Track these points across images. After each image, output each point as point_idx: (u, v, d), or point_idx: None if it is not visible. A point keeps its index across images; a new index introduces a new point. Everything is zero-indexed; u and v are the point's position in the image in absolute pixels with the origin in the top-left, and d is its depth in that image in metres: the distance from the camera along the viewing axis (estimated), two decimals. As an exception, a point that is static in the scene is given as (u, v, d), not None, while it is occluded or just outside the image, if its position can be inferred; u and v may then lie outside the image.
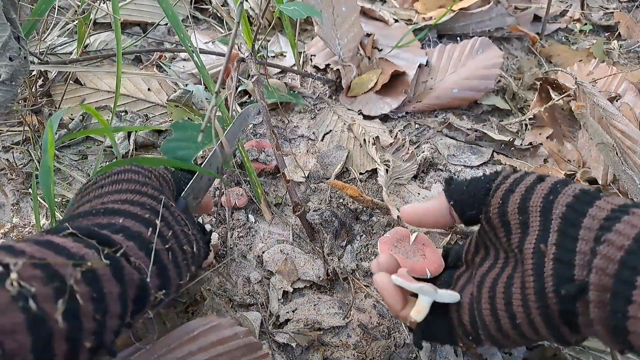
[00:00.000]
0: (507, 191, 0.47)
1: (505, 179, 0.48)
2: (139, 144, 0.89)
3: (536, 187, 0.45)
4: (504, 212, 0.46)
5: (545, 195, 0.44)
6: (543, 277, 0.42)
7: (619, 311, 0.36)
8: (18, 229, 0.77)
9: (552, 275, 0.41)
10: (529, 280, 0.43)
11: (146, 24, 1.16)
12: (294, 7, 0.72)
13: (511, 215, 0.46)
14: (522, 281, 0.43)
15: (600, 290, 0.38)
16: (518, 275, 0.44)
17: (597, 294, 0.38)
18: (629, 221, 0.39)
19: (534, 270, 0.42)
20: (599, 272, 0.38)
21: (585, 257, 0.39)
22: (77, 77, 0.98)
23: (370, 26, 1.15)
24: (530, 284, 0.42)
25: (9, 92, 0.67)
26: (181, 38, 0.69)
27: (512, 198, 0.46)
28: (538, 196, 0.44)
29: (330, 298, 0.71)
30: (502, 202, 0.47)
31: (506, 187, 0.47)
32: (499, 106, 1.03)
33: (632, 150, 0.84)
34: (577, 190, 0.43)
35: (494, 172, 0.51)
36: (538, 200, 0.44)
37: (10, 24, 0.64)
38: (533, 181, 0.46)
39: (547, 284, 0.41)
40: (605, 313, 0.38)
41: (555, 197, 0.43)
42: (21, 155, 0.87)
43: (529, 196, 0.45)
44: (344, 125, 0.95)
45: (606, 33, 1.30)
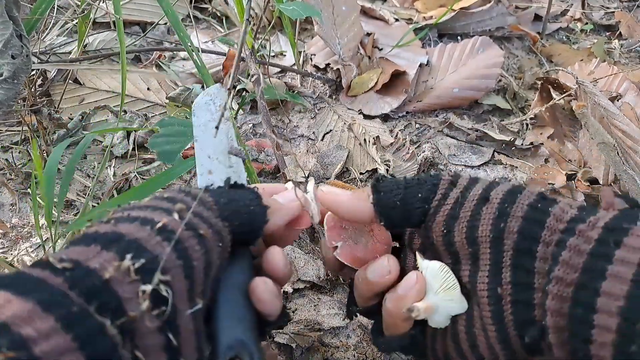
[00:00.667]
0: (449, 217, 0.41)
1: (445, 197, 0.42)
2: (138, 143, 0.89)
3: (482, 210, 0.39)
4: (449, 242, 0.41)
5: (494, 221, 0.38)
6: (504, 323, 0.38)
7: (580, 351, 0.33)
8: (17, 229, 0.77)
9: (512, 320, 0.38)
10: (490, 329, 0.39)
11: (145, 24, 1.15)
12: (293, 7, 0.71)
13: (459, 247, 0.41)
14: (482, 326, 0.40)
15: (558, 332, 0.35)
16: (477, 316, 0.41)
17: (556, 336, 0.35)
18: (575, 246, 0.35)
19: (494, 317, 0.39)
20: (554, 314, 0.35)
21: (541, 295, 0.36)
22: (77, 77, 0.98)
23: (371, 25, 1.15)
24: (493, 332, 0.39)
25: (11, 90, 0.67)
26: (181, 37, 0.69)
27: (458, 227, 0.40)
28: (486, 223, 0.39)
29: (331, 299, 0.70)
30: (447, 231, 0.41)
31: (448, 211, 0.41)
32: (500, 106, 1.02)
33: (633, 150, 0.84)
34: (526, 207, 0.38)
35: (430, 181, 0.43)
36: (487, 228, 0.39)
37: (12, 22, 0.64)
38: (477, 201, 0.40)
39: (508, 329, 0.38)
40: (567, 353, 0.35)
41: (505, 223, 0.38)
42: (20, 155, 0.87)
43: (475, 224, 0.39)
44: (344, 125, 0.95)
45: (607, 32, 1.30)
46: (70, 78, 0.95)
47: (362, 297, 0.46)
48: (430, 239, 0.43)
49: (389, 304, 0.43)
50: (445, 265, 0.42)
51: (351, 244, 0.46)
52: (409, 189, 0.43)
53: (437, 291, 0.42)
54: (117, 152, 0.88)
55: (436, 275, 0.42)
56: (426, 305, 0.42)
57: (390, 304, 0.43)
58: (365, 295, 0.46)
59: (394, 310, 0.43)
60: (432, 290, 0.42)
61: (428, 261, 0.43)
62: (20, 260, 0.72)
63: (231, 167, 0.47)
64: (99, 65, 0.97)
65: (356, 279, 0.46)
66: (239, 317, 0.39)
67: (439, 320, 0.43)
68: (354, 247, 0.46)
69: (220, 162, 0.47)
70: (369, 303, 0.47)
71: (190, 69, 1.05)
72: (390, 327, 0.45)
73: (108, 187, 0.81)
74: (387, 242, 0.48)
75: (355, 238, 0.47)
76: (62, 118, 0.89)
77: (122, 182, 0.83)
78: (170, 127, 0.73)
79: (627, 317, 0.30)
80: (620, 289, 0.31)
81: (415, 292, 0.42)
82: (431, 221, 0.42)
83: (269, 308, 0.40)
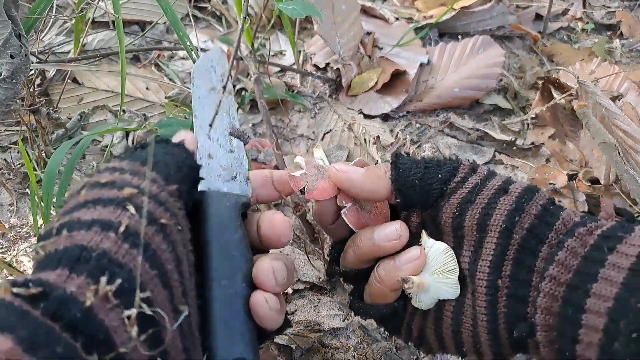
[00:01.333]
0: (465, 200, 0.40)
1: (463, 181, 0.42)
2: (137, 143, 0.88)
3: (499, 200, 0.39)
4: (459, 225, 0.41)
5: (509, 212, 0.39)
6: (496, 315, 0.39)
7: (567, 351, 0.34)
8: (16, 230, 0.77)
9: (505, 313, 0.38)
10: (481, 319, 0.39)
11: (144, 23, 1.15)
12: (293, 6, 0.71)
13: (467, 231, 0.40)
14: (473, 314, 0.40)
15: (547, 330, 0.36)
16: (468, 304, 0.41)
17: (544, 334, 0.36)
18: (572, 248, 0.36)
19: (488, 308, 0.39)
20: (544, 312, 0.35)
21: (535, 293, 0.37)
22: (75, 77, 0.98)
23: (371, 25, 1.14)
24: (483, 322, 0.39)
25: (9, 90, 0.67)
26: (180, 37, 0.68)
27: (471, 211, 0.40)
28: (501, 213, 0.39)
29: (330, 299, 0.70)
30: (459, 214, 0.40)
31: (464, 194, 0.41)
32: (501, 105, 1.02)
33: (634, 149, 0.83)
34: (539, 207, 0.39)
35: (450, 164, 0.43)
36: (500, 218, 0.39)
37: (11, 22, 0.64)
38: (496, 190, 0.40)
39: (499, 321, 0.39)
40: (553, 352, 0.35)
41: (519, 217, 0.38)
42: (19, 155, 0.87)
43: (490, 211, 0.39)
44: (344, 125, 0.95)
45: (608, 32, 1.29)
46: (69, 78, 0.95)
47: (355, 259, 0.46)
48: (437, 219, 0.42)
49: (382, 271, 0.43)
50: (450, 249, 0.42)
51: (358, 209, 0.45)
52: (429, 169, 0.42)
53: (434, 272, 0.42)
54: (116, 151, 0.88)
55: (438, 256, 0.42)
56: (420, 281, 0.41)
57: (383, 271, 0.43)
58: (360, 257, 0.45)
59: (386, 278, 0.43)
60: (429, 269, 0.42)
61: (433, 240, 0.43)
62: (19, 260, 0.72)
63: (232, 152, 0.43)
64: (97, 64, 0.96)
65: (356, 240, 0.45)
66: (237, 331, 0.36)
67: (425, 300, 0.43)
68: (361, 212, 0.45)
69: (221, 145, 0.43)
70: (359, 267, 0.46)
71: (190, 68, 1.04)
72: (375, 295, 0.45)
73: (107, 187, 0.81)
74: (386, 216, 0.47)
75: (361, 205, 0.46)
76: (60, 118, 0.88)
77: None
78: (169, 127, 0.73)
79: (614, 317, 0.31)
80: (610, 291, 0.32)
81: (413, 267, 0.42)
82: (445, 202, 0.41)
83: (270, 324, 0.38)
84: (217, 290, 0.37)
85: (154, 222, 0.32)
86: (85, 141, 0.65)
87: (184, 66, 1.06)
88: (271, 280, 0.38)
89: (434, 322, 0.43)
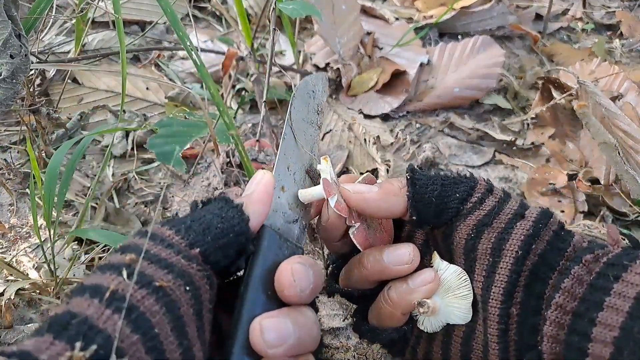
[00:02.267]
0: (481, 223, 0.40)
1: (480, 202, 0.41)
2: (137, 143, 0.88)
3: (516, 225, 0.39)
4: (472, 247, 0.40)
5: (525, 238, 0.38)
6: (508, 343, 0.38)
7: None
8: (16, 230, 0.77)
9: (515, 341, 0.38)
10: (493, 347, 0.39)
11: (144, 23, 1.15)
12: (293, 6, 0.71)
13: (480, 255, 0.39)
14: (485, 342, 0.39)
15: (554, 358, 0.35)
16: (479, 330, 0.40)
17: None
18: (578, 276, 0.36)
19: (500, 336, 0.38)
20: (551, 340, 0.35)
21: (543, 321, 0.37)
22: (75, 77, 0.98)
23: (371, 25, 1.14)
24: (495, 351, 0.38)
25: (9, 90, 0.67)
26: (180, 36, 0.68)
27: (487, 234, 0.39)
28: (517, 238, 0.38)
29: (330, 299, 0.70)
30: (475, 236, 0.40)
31: (481, 217, 0.40)
32: (501, 105, 1.02)
33: (634, 150, 0.83)
34: (552, 233, 0.38)
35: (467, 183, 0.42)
36: (516, 243, 0.38)
37: (11, 22, 0.64)
38: (512, 216, 0.39)
39: (510, 349, 0.38)
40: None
41: (534, 244, 0.38)
42: (19, 155, 0.87)
43: (506, 236, 0.38)
44: (344, 125, 0.95)
45: (608, 32, 1.29)
46: (69, 78, 0.95)
47: (360, 279, 0.44)
48: (450, 239, 0.41)
49: (394, 294, 0.42)
50: (465, 273, 0.41)
51: (365, 228, 0.44)
52: (446, 186, 0.41)
53: (447, 296, 0.41)
54: (116, 152, 0.88)
55: (452, 280, 0.41)
56: (434, 306, 0.40)
57: (395, 294, 0.42)
58: (366, 278, 0.43)
59: (398, 301, 0.41)
60: (442, 293, 0.41)
61: (447, 263, 0.42)
62: (19, 260, 0.72)
63: None
64: (97, 64, 0.96)
65: (363, 260, 0.43)
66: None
67: (433, 324, 0.42)
68: (368, 232, 0.44)
69: (296, 180, 0.40)
70: (363, 287, 0.45)
71: (190, 68, 1.04)
72: (384, 317, 0.43)
73: (107, 187, 0.81)
74: (390, 234, 0.46)
75: (367, 223, 0.44)
76: (60, 118, 0.88)
77: (121, 182, 0.83)
78: (169, 127, 0.73)
79: (620, 347, 0.31)
80: (616, 320, 0.32)
81: (427, 290, 0.41)
82: (461, 222, 0.40)
83: None
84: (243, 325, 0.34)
85: (147, 286, 0.31)
86: (85, 141, 0.65)
87: (184, 66, 1.06)
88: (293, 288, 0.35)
89: (441, 347, 0.42)
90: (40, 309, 0.66)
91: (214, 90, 0.70)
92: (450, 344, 0.42)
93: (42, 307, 0.66)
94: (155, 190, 0.82)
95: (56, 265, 0.66)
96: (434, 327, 0.42)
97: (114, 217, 0.78)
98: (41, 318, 0.65)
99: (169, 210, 0.80)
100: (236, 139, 0.72)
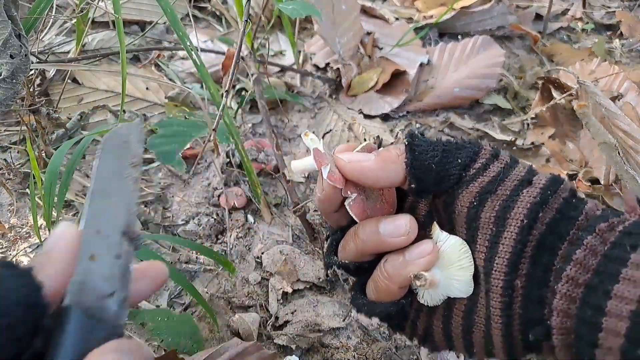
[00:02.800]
0: (485, 190, 0.37)
1: (484, 168, 0.38)
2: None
3: (522, 192, 0.36)
4: (475, 216, 0.37)
5: (532, 206, 0.35)
6: (512, 317, 0.36)
7: (585, 355, 0.32)
8: (16, 230, 0.77)
9: (520, 315, 0.36)
10: (496, 320, 0.37)
11: (144, 23, 1.15)
12: (293, 6, 0.71)
13: (483, 224, 0.37)
14: (487, 315, 0.37)
15: (564, 333, 0.33)
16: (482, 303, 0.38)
17: (561, 338, 0.34)
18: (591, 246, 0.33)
19: (503, 309, 0.36)
20: (561, 315, 0.33)
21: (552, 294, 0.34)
22: (75, 77, 0.98)
23: (371, 25, 1.14)
24: (498, 324, 0.36)
25: (9, 90, 0.67)
26: (180, 36, 0.68)
27: (491, 202, 0.36)
28: (523, 206, 0.36)
29: (330, 299, 0.70)
30: (477, 204, 0.37)
31: (485, 184, 0.37)
32: (501, 105, 1.02)
33: (634, 150, 0.83)
34: (562, 200, 0.36)
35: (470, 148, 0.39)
36: (522, 212, 0.35)
37: (11, 22, 0.64)
38: (519, 182, 0.37)
39: (514, 323, 0.36)
40: (570, 356, 0.34)
41: (541, 212, 0.35)
42: (19, 155, 0.87)
43: (511, 204, 0.36)
44: (344, 125, 0.95)
45: (608, 32, 1.29)
46: (69, 78, 0.95)
47: (355, 252, 0.42)
48: (451, 208, 0.38)
49: (390, 267, 0.40)
50: (466, 244, 0.38)
51: (363, 199, 0.41)
52: (447, 152, 0.38)
53: (447, 268, 0.39)
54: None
55: (452, 251, 0.39)
56: (432, 279, 0.38)
57: (391, 267, 0.40)
58: (362, 251, 0.41)
59: (394, 275, 0.39)
60: (441, 265, 0.39)
61: (447, 234, 0.39)
62: (19, 260, 0.72)
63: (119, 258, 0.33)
64: (97, 64, 0.96)
65: (358, 232, 0.41)
66: None
67: (433, 297, 0.40)
68: (365, 203, 0.41)
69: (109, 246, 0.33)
70: (359, 260, 0.43)
71: (190, 68, 1.04)
72: (381, 291, 0.41)
73: (107, 187, 0.81)
74: (393, 205, 0.43)
75: (367, 194, 0.42)
76: (60, 118, 0.88)
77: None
78: (169, 127, 0.73)
79: (637, 321, 0.29)
80: (633, 293, 0.30)
81: (424, 262, 0.39)
82: (462, 189, 0.37)
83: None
84: None
85: None
86: (85, 141, 0.65)
87: (184, 66, 1.06)
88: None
89: (442, 321, 0.40)
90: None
91: (214, 90, 0.70)
92: (452, 317, 0.40)
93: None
94: (156, 190, 0.82)
95: (56, 265, 0.66)
96: (434, 301, 0.40)
97: (114, 217, 0.78)
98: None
99: (168, 210, 0.80)
100: (236, 139, 0.72)
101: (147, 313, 0.65)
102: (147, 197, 0.82)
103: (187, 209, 0.80)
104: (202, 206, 0.80)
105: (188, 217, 0.79)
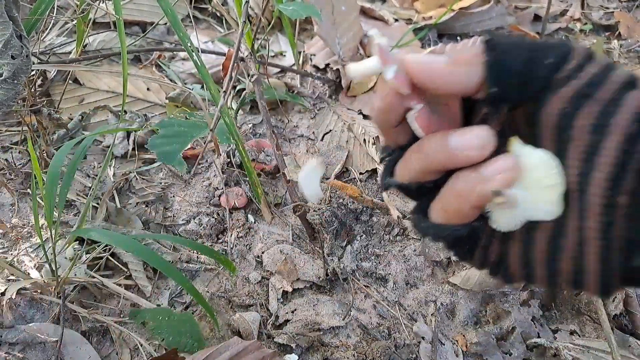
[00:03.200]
0: (580, 94, 0.31)
1: (579, 70, 0.32)
2: (138, 143, 0.89)
3: (625, 96, 0.30)
4: (567, 125, 0.31)
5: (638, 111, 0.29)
6: (612, 239, 0.31)
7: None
8: (17, 229, 0.77)
9: (623, 237, 0.30)
10: (593, 244, 0.31)
11: (145, 24, 1.15)
12: (293, 7, 0.71)
13: (577, 134, 0.31)
14: (580, 239, 0.32)
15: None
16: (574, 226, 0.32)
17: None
18: None
19: (602, 231, 0.31)
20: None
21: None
22: (76, 77, 0.98)
23: (370, 25, 1.15)
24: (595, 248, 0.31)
25: (11, 91, 0.67)
26: (180, 37, 0.69)
27: (588, 108, 0.30)
28: (627, 111, 0.29)
29: (330, 298, 0.70)
30: (571, 110, 0.31)
31: (580, 86, 0.31)
32: (499, 106, 1.02)
33: None
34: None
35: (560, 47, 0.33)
36: (625, 117, 0.29)
37: (12, 22, 0.64)
38: (622, 85, 0.31)
39: (614, 245, 0.31)
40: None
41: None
42: (20, 155, 0.87)
43: (613, 109, 0.30)
44: (343, 125, 0.95)
45: (606, 33, 1.30)
46: (70, 78, 0.96)
47: (419, 170, 0.36)
48: (535, 118, 0.33)
49: (462, 184, 0.34)
50: (554, 157, 0.32)
51: (429, 111, 0.36)
52: (534, 51, 0.32)
53: (530, 186, 0.33)
54: (117, 152, 0.88)
55: (537, 167, 0.33)
56: (513, 197, 0.32)
57: (463, 184, 0.34)
58: (427, 168, 0.36)
59: (468, 193, 0.33)
60: (524, 183, 0.33)
61: (532, 148, 0.33)
62: (20, 260, 0.72)
63: None
64: (98, 65, 0.97)
65: (423, 147, 0.36)
66: None
67: (510, 221, 0.34)
68: (431, 116, 0.36)
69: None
70: (422, 179, 0.37)
71: (190, 69, 1.05)
72: (450, 212, 0.35)
73: (108, 187, 0.81)
74: (457, 120, 0.37)
75: (432, 106, 0.36)
76: (62, 118, 0.89)
77: (122, 182, 0.83)
78: (170, 127, 0.73)
79: None
80: None
81: (503, 180, 0.33)
82: (552, 94, 0.32)
83: None
84: None
85: None
86: (87, 141, 0.65)
87: (185, 67, 1.06)
88: None
89: (520, 247, 0.34)
90: (42, 309, 0.67)
91: (214, 90, 0.71)
92: (533, 243, 0.34)
93: (44, 307, 0.67)
94: (156, 190, 0.83)
95: (57, 265, 0.66)
96: (511, 225, 0.34)
97: (115, 217, 0.78)
98: (42, 317, 0.66)
99: (169, 210, 0.81)
100: (237, 139, 0.72)
101: (147, 312, 0.65)
102: (148, 197, 0.82)
103: (187, 208, 0.81)
104: (202, 206, 0.81)
105: (189, 217, 0.79)
